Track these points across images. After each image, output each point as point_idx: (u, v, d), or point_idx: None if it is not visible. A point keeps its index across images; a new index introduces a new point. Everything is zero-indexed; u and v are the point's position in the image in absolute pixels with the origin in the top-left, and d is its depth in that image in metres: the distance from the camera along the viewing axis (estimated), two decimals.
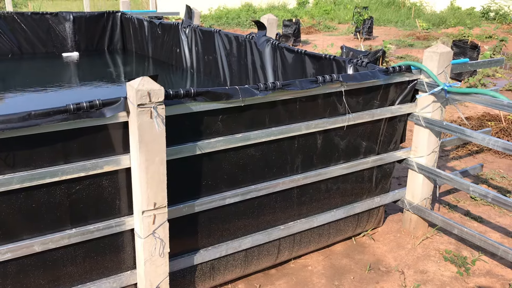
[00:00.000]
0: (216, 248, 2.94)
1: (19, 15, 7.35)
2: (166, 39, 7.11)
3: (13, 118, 2.12)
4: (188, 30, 6.52)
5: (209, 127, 2.71)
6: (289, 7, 21.83)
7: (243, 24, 17.53)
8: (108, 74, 7.13)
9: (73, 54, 7.73)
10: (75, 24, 7.71)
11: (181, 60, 6.84)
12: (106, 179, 2.48)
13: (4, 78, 6.62)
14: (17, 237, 2.32)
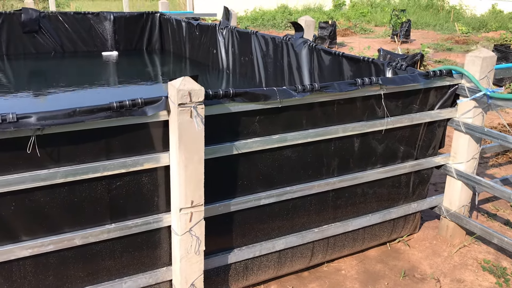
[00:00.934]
0: (250, 248, 2.95)
1: (62, 15, 7.58)
2: (203, 40, 7.19)
3: (59, 114, 2.19)
4: (225, 31, 6.58)
5: (246, 128, 2.73)
6: (325, 9, 21.71)
7: (278, 26, 17.54)
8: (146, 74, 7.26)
9: (112, 53, 7.91)
10: (115, 24, 7.89)
11: (217, 61, 6.90)
12: (146, 176, 2.53)
13: (47, 76, 6.83)
14: (59, 230, 2.39)
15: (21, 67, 7.28)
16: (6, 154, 2.17)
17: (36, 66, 7.33)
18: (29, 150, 2.18)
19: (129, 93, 6.10)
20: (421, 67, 8.49)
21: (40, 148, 2.21)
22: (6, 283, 2.33)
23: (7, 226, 2.26)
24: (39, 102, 5.60)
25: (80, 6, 18.76)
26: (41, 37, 7.48)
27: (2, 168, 2.17)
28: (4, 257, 2.27)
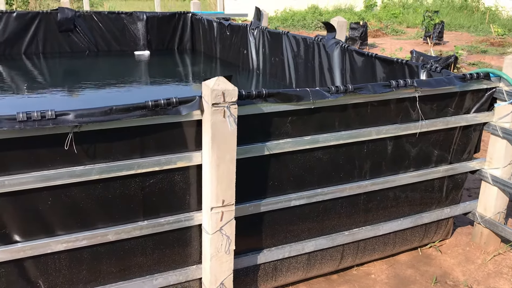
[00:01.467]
0: (279, 249, 2.94)
1: (97, 14, 7.73)
2: (234, 40, 7.22)
3: (96, 112, 2.23)
4: (256, 31, 6.59)
5: (278, 128, 2.73)
6: (356, 10, 21.50)
7: (308, 26, 17.47)
8: (176, 74, 7.34)
9: (144, 52, 8.02)
10: (148, 23, 8.00)
11: (247, 61, 6.92)
12: (178, 175, 2.56)
13: (81, 74, 6.98)
14: (93, 226, 2.44)
15: (56, 65, 7.46)
16: (44, 150, 2.22)
17: (70, 64, 7.51)
18: (66, 147, 2.22)
19: (160, 92, 6.17)
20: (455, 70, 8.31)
21: (77, 145, 2.25)
22: (42, 276, 2.39)
23: (44, 220, 2.32)
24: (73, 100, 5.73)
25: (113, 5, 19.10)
26: (76, 36, 7.65)
27: (40, 163, 2.22)
28: (41, 251, 2.33)
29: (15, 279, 2.34)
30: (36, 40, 7.44)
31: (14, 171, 2.19)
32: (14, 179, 2.18)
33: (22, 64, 7.13)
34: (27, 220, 2.29)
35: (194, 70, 7.63)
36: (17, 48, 7.36)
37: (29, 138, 2.18)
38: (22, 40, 7.39)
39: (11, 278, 2.33)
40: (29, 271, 2.36)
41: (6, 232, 2.26)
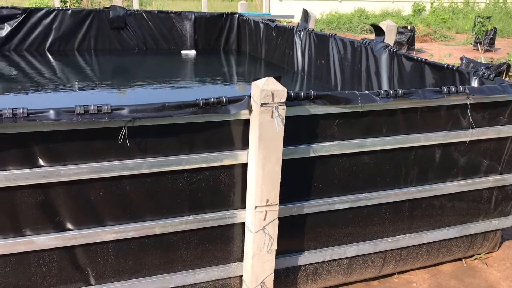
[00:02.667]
0: (320, 252, 2.94)
1: (147, 13, 7.93)
2: (280, 41, 7.24)
3: (149, 108, 2.30)
4: (303, 33, 6.58)
5: (325, 131, 2.73)
6: (403, 14, 21.10)
7: (354, 29, 17.29)
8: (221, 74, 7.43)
9: (191, 52, 8.16)
10: (196, 23, 8.13)
11: (292, 63, 6.92)
12: (224, 172, 2.60)
13: (130, 71, 7.18)
14: (141, 218, 2.51)
15: (106, 61, 7.70)
16: (99, 143, 2.31)
17: (120, 61, 7.73)
18: (120, 140, 2.30)
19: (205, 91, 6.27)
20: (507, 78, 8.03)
21: (129, 139, 2.33)
22: (91, 263, 2.48)
23: (95, 210, 2.41)
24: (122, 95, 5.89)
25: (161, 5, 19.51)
26: (126, 34, 7.86)
27: (95, 155, 2.31)
28: (91, 239, 2.42)
29: (66, 265, 2.44)
30: (88, 36, 7.70)
31: (70, 162, 2.29)
32: (70, 169, 2.28)
33: (74, 60, 7.40)
34: (79, 210, 2.38)
35: (239, 71, 7.71)
36: (71, 44, 7.64)
37: (85, 131, 2.27)
38: (76, 37, 7.67)
39: (62, 264, 2.43)
40: (79, 259, 2.46)
41: (60, 220, 2.36)
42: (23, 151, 2.21)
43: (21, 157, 2.21)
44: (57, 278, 2.44)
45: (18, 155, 2.21)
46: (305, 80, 6.55)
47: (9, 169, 2.20)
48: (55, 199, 2.32)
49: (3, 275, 2.34)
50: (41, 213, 2.32)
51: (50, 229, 2.35)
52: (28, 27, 7.35)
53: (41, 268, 2.40)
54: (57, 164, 2.26)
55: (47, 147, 2.24)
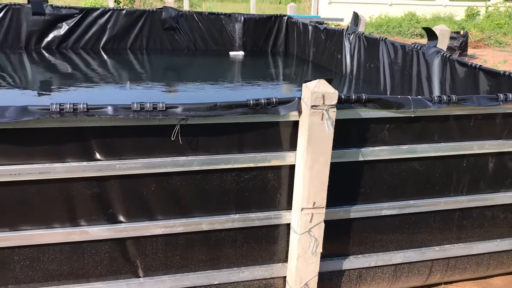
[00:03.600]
0: (366, 257, 2.91)
1: (198, 14, 8.07)
2: (329, 44, 7.20)
3: (201, 107, 2.35)
4: (353, 36, 6.52)
5: (375, 135, 2.70)
6: (456, 19, 20.48)
7: (404, 34, 16.94)
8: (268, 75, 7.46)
9: (239, 53, 8.24)
10: (245, 25, 8.20)
11: (341, 66, 6.87)
12: (271, 173, 2.62)
13: (179, 71, 7.33)
14: (189, 214, 2.57)
15: (157, 61, 7.89)
16: (152, 139, 2.39)
17: (170, 61, 7.90)
18: (173, 138, 2.37)
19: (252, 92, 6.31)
20: None
21: (182, 137, 2.39)
22: (140, 256, 2.56)
23: (146, 205, 2.48)
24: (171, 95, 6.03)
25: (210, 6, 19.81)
26: (177, 35, 8.03)
27: (148, 151, 2.39)
28: (141, 232, 2.50)
29: (116, 257, 2.53)
30: (141, 36, 7.91)
31: (125, 157, 2.37)
32: (124, 164, 2.36)
33: (127, 59, 7.63)
34: (131, 203, 2.46)
35: (286, 72, 7.72)
36: (124, 44, 7.88)
37: (139, 127, 2.35)
38: (128, 36, 7.90)
39: (113, 255, 2.52)
40: (129, 251, 2.54)
41: (113, 212, 2.45)
42: (81, 145, 2.31)
43: (79, 150, 2.31)
44: (108, 269, 2.53)
45: (77, 148, 2.31)
46: (353, 83, 6.49)
47: (67, 161, 2.31)
48: (109, 192, 2.41)
49: (58, 262, 2.46)
50: (95, 205, 2.41)
51: (103, 220, 2.45)
52: (84, 26, 7.63)
53: (94, 258, 2.50)
54: (113, 158, 2.35)
55: (104, 142, 2.33)
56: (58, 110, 2.15)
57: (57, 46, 7.58)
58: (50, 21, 7.48)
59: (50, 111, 2.14)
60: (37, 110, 2.14)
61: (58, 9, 7.52)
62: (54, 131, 2.25)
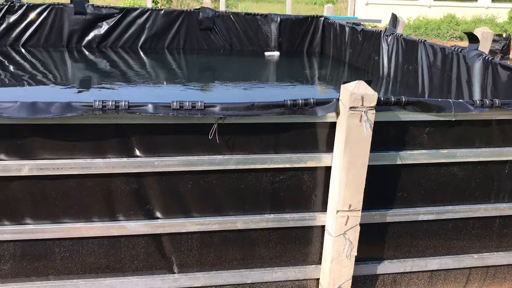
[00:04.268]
0: (401, 262, 2.86)
1: (234, 15, 8.12)
2: (366, 46, 7.12)
3: (238, 106, 2.37)
4: (390, 38, 6.43)
5: (413, 139, 2.65)
6: (497, 21, 19.89)
7: (443, 36, 16.58)
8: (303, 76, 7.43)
9: (274, 53, 8.24)
10: (281, 25, 8.20)
11: (378, 67, 6.77)
12: (307, 174, 2.61)
13: (215, 71, 7.39)
14: (224, 212, 2.59)
15: (194, 61, 7.98)
16: (190, 138, 2.42)
17: (206, 61, 7.98)
18: (210, 136, 2.39)
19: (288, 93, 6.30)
20: None
21: (219, 136, 2.41)
22: (175, 252, 2.60)
23: (183, 202, 2.52)
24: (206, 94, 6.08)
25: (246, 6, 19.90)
26: (214, 35, 8.10)
27: (186, 149, 2.42)
28: (177, 229, 2.53)
29: (152, 252, 2.57)
30: (178, 36, 8.02)
31: (163, 154, 2.41)
32: (162, 161, 2.40)
33: (164, 58, 7.74)
34: (168, 200, 2.50)
35: (321, 74, 7.67)
36: (161, 43, 8.00)
37: (178, 125, 2.38)
38: (166, 36, 8.01)
39: (149, 250, 2.57)
40: (164, 247, 2.58)
41: (150, 208, 2.50)
42: (121, 141, 2.36)
43: (120, 146, 2.37)
44: (144, 263, 2.58)
45: (117, 145, 2.36)
46: (390, 85, 6.39)
47: (108, 157, 2.36)
48: (147, 188, 2.45)
49: (97, 255, 2.52)
50: (133, 201, 2.46)
51: (141, 216, 2.50)
52: (123, 25, 7.79)
53: (130, 252, 2.55)
54: (152, 155, 2.39)
55: (143, 139, 2.38)
56: (101, 107, 2.21)
57: (97, 44, 7.77)
58: (91, 21, 7.67)
59: (93, 108, 2.20)
60: (80, 106, 2.20)
61: (99, 8, 7.70)
62: (96, 127, 2.31)
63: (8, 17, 7.38)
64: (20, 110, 2.16)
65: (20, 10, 7.39)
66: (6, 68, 6.44)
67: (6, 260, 2.45)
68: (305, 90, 6.66)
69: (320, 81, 7.24)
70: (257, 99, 2.42)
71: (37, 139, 2.29)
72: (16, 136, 2.27)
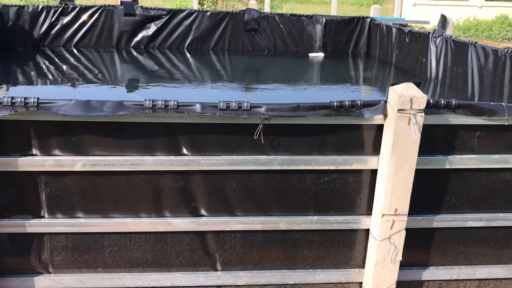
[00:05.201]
0: (447, 269, 2.79)
1: (279, 16, 8.12)
2: (413, 47, 6.96)
3: (284, 107, 2.38)
4: (439, 40, 6.26)
5: (463, 143, 2.58)
6: None
7: (494, 38, 15.99)
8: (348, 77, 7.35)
9: (319, 54, 8.19)
10: (326, 26, 8.14)
11: (425, 70, 6.61)
12: (352, 177, 2.59)
13: (259, 72, 7.43)
14: (268, 212, 2.61)
15: (238, 61, 8.05)
16: (235, 137, 2.45)
17: (251, 62, 8.03)
18: (255, 137, 2.41)
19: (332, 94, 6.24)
20: None
21: (264, 136, 2.43)
22: (219, 250, 2.63)
23: (227, 200, 2.55)
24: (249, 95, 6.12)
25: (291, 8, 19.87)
26: (258, 36, 8.14)
27: (231, 149, 2.45)
28: (221, 227, 2.57)
29: (196, 249, 2.62)
30: (223, 37, 8.11)
31: (209, 153, 2.45)
32: (208, 159, 2.44)
33: (209, 59, 7.85)
34: (213, 198, 2.54)
35: (366, 75, 7.56)
36: (207, 44, 8.11)
37: (224, 125, 2.42)
38: (212, 37, 8.12)
39: (194, 247, 2.61)
40: (208, 244, 2.62)
41: (195, 205, 2.55)
42: (169, 140, 2.42)
43: (168, 144, 2.42)
44: (189, 260, 2.63)
45: (165, 143, 2.42)
46: (438, 88, 6.23)
47: (157, 154, 2.42)
48: (193, 186, 2.50)
49: (143, 250, 2.59)
50: (179, 198, 2.52)
51: (186, 213, 2.55)
52: (171, 27, 7.95)
53: (176, 248, 2.60)
54: (198, 154, 2.44)
55: (190, 138, 2.42)
56: (151, 106, 2.27)
57: (145, 45, 7.97)
58: (140, 22, 7.87)
59: (143, 107, 2.27)
60: (131, 105, 2.27)
61: (147, 10, 7.90)
62: (146, 125, 2.37)
63: (62, 19, 7.69)
64: (75, 108, 2.25)
65: (73, 12, 7.67)
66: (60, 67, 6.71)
67: (59, 252, 2.56)
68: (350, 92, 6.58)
69: (365, 83, 7.14)
70: (301, 100, 2.42)
71: (90, 136, 2.38)
72: (70, 132, 2.37)
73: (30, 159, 2.37)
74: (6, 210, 2.47)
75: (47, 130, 2.35)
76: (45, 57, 7.28)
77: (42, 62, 6.96)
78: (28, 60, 7.04)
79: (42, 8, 7.64)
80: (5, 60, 6.94)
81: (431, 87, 6.32)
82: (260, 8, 18.71)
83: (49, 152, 2.38)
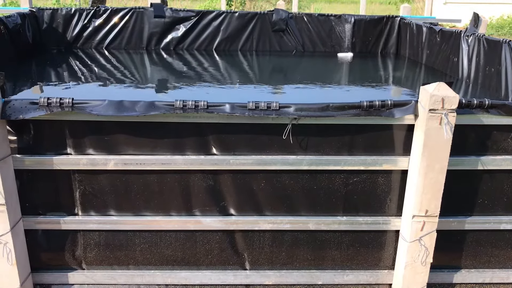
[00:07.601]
0: (480, 272, 2.74)
1: (307, 16, 8.09)
2: (444, 47, 6.84)
3: (313, 107, 2.38)
4: (471, 38, 6.13)
5: (496, 143, 2.53)
6: None
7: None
8: (377, 77, 7.26)
9: (348, 54, 8.12)
10: (355, 26, 8.06)
11: (457, 69, 6.48)
12: (382, 177, 2.57)
13: (287, 72, 7.42)
14: (296, 212, 2.61)
15: (266, 62, 8.06)
16: (264, 137, 2.46)
17: (278, 62, 8.02)
18: (284, 137, 2.42)
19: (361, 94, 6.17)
20: None
21: (292, 136, 2.43)
22: (248, 249, 2.65)
23: (256, 200, 2.57)
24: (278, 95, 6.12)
25: (319, 7, 19.78)
26: (286, 36, 8.13)
27: (260, 148, 2.47)
28: (250, 226, 2.59)
29: (225, 247, 2.65)
30: (251, 38, 8.13)
31: (238, 153, 2.47)
32: (237, 159, 2.46)
33: (237, 60, 7.88)
34: (242, 197, 2.56)
35: (395, 75, 7.45)
36: (235, 45, 8.15)
37: (253, 125, 2.43)
38: (240, 38, 8.15)
39: (223, 245, 2.64)
40: (237, 243, 2.64)
41: (224, 204, 2.57)
42: (199, 139, 2.45)
43: (198, 144, 2.46)
44: (218, 258, 2.65)
45: (195, 143, 2.46)
46: (470, 88, 6.10)
47: (187, 154, 2.46)
48: (222, 185, 2.52)
49: (173, 248, 2.63)
50: (209, 197, 2.55)
51: (215, 212, 2.58)
52: (199, 28, 8.03)
53: (205, 247, 2.63)
54: (227, 153, 2.46)
55: (220, 137, 2.45)
56: (181, 106, 2.30)
57: (174, 47, 8.06)
58: (169, 23, 7.97)
59: (174, 107, 2.30)
60: (163, 105, 2.31)
61: (176, 12, 7.99)
62: (176, 125, 2.41)
63: (94, 21, 7.85)
64: (108, 108, 2.30)
65: (104, 14, 7.83)
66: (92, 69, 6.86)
67: (92, 248, 2.62)
68: (379, 91, 6.50)
69: (395, 83, 7.05)
70: (330, 100, 2.42)
71: (122, 135, 2.43)
72: (103, 132, 2.43)
73: (65, 158, 2.44)
74: (42, 207, 2.55)
75: (81, 130, 2.41)
76: (78, 58, 7.45)
77: (75, 64, 7.13)
78: (61, 61, 7.22)
79: (75, 10, 7.82)
80: (40, 61, 7.13)
81: (462, 87, 6.19)
82: (288, 8, 18.69)
83: (83, 151, 2.45)
